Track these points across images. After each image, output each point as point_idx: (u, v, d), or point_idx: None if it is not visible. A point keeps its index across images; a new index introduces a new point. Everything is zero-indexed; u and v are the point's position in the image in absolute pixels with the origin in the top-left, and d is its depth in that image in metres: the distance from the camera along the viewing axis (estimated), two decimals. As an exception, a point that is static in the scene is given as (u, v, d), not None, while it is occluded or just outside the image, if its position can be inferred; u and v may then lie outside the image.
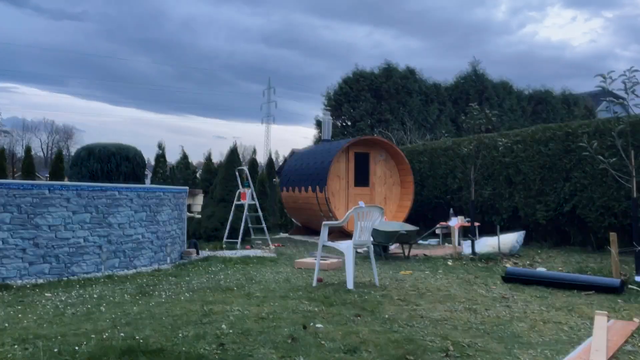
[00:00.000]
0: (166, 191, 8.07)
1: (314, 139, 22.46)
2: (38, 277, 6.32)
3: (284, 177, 14.29)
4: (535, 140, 10.42)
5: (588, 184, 9.36)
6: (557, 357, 3.39)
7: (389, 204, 12.99)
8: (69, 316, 4.45)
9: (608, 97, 6.50)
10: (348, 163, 12.58)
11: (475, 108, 9.09)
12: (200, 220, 11.83)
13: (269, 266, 7.73)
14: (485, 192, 11.42)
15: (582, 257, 8.61)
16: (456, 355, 3.40)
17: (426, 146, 14.00)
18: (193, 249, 8.89)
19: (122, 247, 7.18)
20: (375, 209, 6.08)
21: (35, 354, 3.34)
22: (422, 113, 22.02)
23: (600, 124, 9.22)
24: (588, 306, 4.92)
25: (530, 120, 24.57)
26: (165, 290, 5.70)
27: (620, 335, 3.80)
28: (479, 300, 5.23)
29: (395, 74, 21.86)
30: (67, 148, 53.62)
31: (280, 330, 3.97)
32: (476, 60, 24.27)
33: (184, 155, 14.98)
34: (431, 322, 4.31)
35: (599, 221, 9.20)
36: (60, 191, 6.57)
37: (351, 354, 3.41)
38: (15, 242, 6.18)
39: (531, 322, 4.32)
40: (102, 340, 3.65)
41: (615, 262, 6.04)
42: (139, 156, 11.90)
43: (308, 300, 5.11)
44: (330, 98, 21.81)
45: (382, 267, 7.63)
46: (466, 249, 9.06)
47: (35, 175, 14.62)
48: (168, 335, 3.82)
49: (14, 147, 46.61)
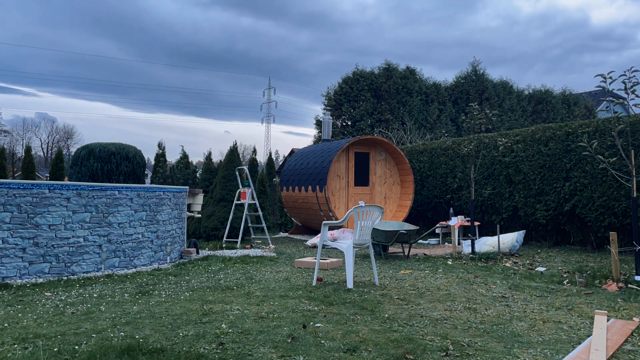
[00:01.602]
0: (166, 191, 8.07)
1: (314, 138, 22.46)
2: (38, 276, 6.32)
3: (283, 177, 14.29)
4: (535, 140, 10.42)
5: (588, 184, 9.37)
6: (556, 356, 3.39)
7: (389, 203, 12.99)
8: (69, 315, 4.45)
9: (608, 97, 6.49)
10: (348, 162, 12.58)
11: (475, 108, 9.09)
12: (200, 220, 11.83)
13: (268, 265, 7.73)
14: (485, 191, 11.43)
15: (581, 257, 8.62)
16: (456, 354, 3.40)
17: (426, 146, 14.00)
18: (193, 248, 8.90)
19: (122, 247, 7.18)
20: (375, 208, 6.08)
21: (35, 353, 3.34)
22: (422, 113, 22.02)
23: (600, 124, 9.22)
24: (588, 305, 4.92)
25: (530, 120, 24.57)
26: (165, 289, 5.70)
27: (620, 335, 3.80)
28: (478, 299, 5.24)
29: (395, 73, 21.84)
30: (67, 148, 53.70)
31: (280, 329, 3.97)
32: (476, 60, 24.27)
33: (184, 155, 14.97)
34: (431, 321, 4.31)
35: (598, 221, 9.20)
36: (60, 191, 6.58)
37: (351, 353, 3.41)
38: (15, 241, 6.18)
39: (531, 321, 4.32)
40: (102, 340, 3.65)
41: (615, 261, 6.04)
42: (139, 156, 11.91)
43: (308, 300, 5.11)
44: (330, 98, 21.80)
45: (382, 267, 7.63)
46: (466, 248, 9.06)
47: (35, 174, 14.61)
48: (168, 334, 3.82)
49: (14, 147, 46.64)
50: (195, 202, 9.80)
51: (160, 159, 14.74)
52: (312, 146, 15.12)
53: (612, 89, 6.25)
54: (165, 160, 14.98)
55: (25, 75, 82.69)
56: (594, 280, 6.10)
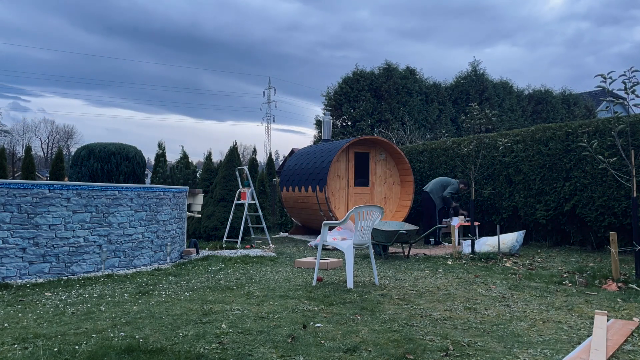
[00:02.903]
0: (166, 191, 8.07)
1: (314, 138, 22.45)
2: (38, 276, 6.32)
3: (283, 177, 14.29)
4: (535, 140, 10.43)
5: (588, 184, 9.37)
6: (556, 356, 3.39)
7: (389, 203, 12.99)
8: (69, 315, 4.46)
9: (608, 97, 6.49)
10: (348, 162, 12.58)
11: (475, 108, 9.10)
12: (200, 220, 11.83)
13: (268, 265, 7.73)
14: (485, 191, 11.43)
15: (581, 257, 8.62)
16: (456, 354, 3.40)
17: (426, 146, 14.00)
18: (193, 248, 8.90)
19: (122, 247, 7.18)
20: (376, 208, 6.09)
21: (35, 353, 3.34)
22: (422, 113, 22.02)
23: (600, 124, 9.22)
24: (588, 305, 4.92)
25: (530, 120, 24.57)
26: (165, 289, 5.70)
27: (620, 335, 3.80)
28: (478, 299, 5.24)
29: (395, 73, 21.85)
30: (67, 148, 53.72)
31: (280, 329, 3.97)
32: (476, 60, 24.29)
33: (184, 155, 14.96)
34: (431, 321, 4.31)
35: (598, 221, 9.21)
36: (61, 191, 6.58)
37: (351, 353, 3.41)
38: (15, 241, 6.18)
39: (531, 321, 4.32)
40: (102, 340, 3.65)
41: (615, 261, 6.04)
42: (139, 156, 11.92)
43: (308, 300, 5.11)
44: (330, 98, 21.80)
45: (382, 267, 7.63)
46: (466, 248, 9.07)
47: (35, 174, 14.61)
48: (168, 334, 3.83)
49: (14, 147, 46.66)
50: (195, 202, 9.81)
51: (160, 159, 14.74)
52: (312, 146, 15.13)
53: (612, 89, 6.25)
54: (165, 160, 14.98)
55: (25, 76, 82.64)
56: (594, 280, 6.10)
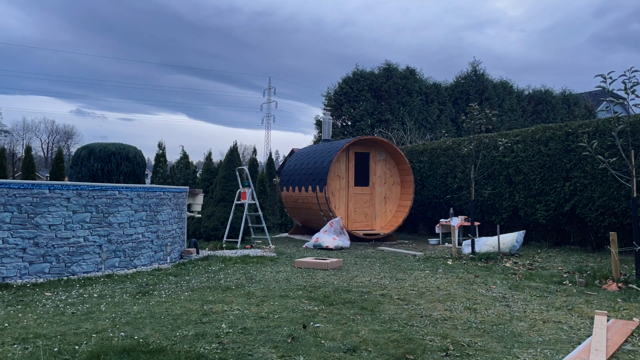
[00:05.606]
0: (166, 191, 8.07)
1: (315, 138, 22.45)
2: (38, 276, 6.32)
3: (283, 177, 14.29)
4: (536, 140, 10.42)
5: (588, 184, 9.36)
6: (556, 356, 3.39)
7: (389, 203, 12.99)
8: (69, 315, 4.46)
9: (608, 97, 6.49)
10: (348, 163, 12.58)
11: (475, 108, 9.09)
12: (200, 220, 11.83)
13: (268, 265, 7.73)
14: (485, 191, 11.43)
15: (581, 257, 8.62)
16: (456, 354, 3.40)
17: (426, 146, 14.00)
18: (193, 248, 8.89)
19: (122, 247, 7.18)
20: None
21: (35, 353, 3.34)
22: (422, 113, 22.01)
23: (600, 124, 9.22)
24: (588, 305, 4.92)
25: (530, 120, 24.56)
26: (165, 289, 5.70)
27: (620, 335, 3.80)
28: (478, 299, 5.24)
29: (395, 74, 21.84)
30: (67, 148, 53.71)
31: (280, 329, 3.97)
32: (476, 60, 24.29)
33: (184, 155, 14.96)
34: (431, 321, 4.31)
35: (598, 221, 9.20)
36: (61, 191, 6.58)
37: (351, 353, 3.41)
38: (15, 241, 6.18)
39: (531, 321, 4.32)
40: (102, 340, 3.65)
41: (615, 261, 6.04)
42: (139, 156, 11.92)
43: (308, 300, 5.11)
44: (330, 98, 21.79)
45: (382, 267, 7.64)
46: (466, 248, 9.07)
47: (35, 175, 14.61)
48: (168, 334, 3.83)
49: (14, 147, 46.66)
50: (196, 202, 9.80)
51: (160, 159, 14.74)
52: (312, 146, 15.12)
53: (612, 89, 6.25)
54: (166, 160, 14.98)
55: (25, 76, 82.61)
56: (594, 280, 6.10)
